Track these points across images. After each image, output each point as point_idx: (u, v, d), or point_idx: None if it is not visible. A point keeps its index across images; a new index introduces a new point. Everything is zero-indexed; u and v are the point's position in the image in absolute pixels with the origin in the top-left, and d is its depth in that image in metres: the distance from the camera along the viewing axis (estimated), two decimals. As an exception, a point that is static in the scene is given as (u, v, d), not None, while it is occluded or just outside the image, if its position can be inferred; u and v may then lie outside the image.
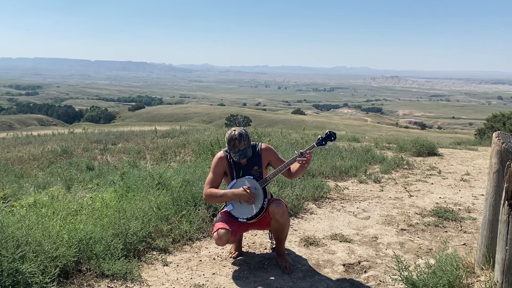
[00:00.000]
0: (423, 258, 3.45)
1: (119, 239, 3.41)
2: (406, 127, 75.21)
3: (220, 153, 3.30)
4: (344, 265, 3.36)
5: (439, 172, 6.93)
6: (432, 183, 6.15)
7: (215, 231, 3.12)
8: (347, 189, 5.74)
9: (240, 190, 3.12)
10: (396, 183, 6.13)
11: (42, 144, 15.05)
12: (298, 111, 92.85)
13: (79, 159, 10.46)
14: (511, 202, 2.49)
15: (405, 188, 5.70)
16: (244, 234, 3.76)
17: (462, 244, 3.81)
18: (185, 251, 3.59)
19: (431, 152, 9.29)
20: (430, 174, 6.80)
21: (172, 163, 8.80)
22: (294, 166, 3.24)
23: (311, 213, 4.59)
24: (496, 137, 2.95)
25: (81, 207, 4.30)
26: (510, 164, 2.57)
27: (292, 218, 4.39)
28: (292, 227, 4.11)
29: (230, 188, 3.20)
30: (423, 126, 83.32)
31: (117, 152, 11.90)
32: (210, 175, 3.29)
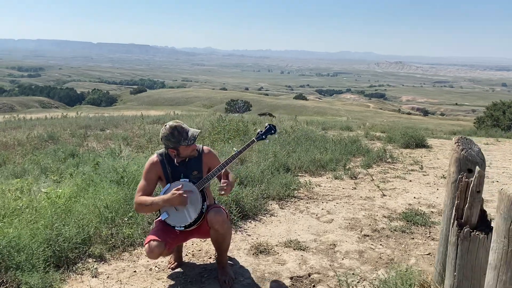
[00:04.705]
0: (380, 270, 3.16)
1: (48, 246, 3.12)
2: (409, 113, 74.59)
3: (153, 157, 2.96)
4: (291, 278, 3.05)
5: (421, 167, 6.59)
6: (410, 180, 5.82)
7: (146, 243, 2.80)
8: (319, 186, 5.42)
9: (169, 194, 2.77)
10: (373, 179, 5.80)
11: (31, 128, 14.76)
12: (300, 96, 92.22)
13: (64, 145, 10.15)
14: (461, 222, 2.18)
15: (379, 186, 5.37)
16: (191, 240, 3.46)
17: (427, 254, 3.50)
18: (123, 259, 3.29)
19: (420, 144, 8.97)
20: (412, 170, 6.46)
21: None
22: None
23: (271, 215, 4.27)
24: (455, 143, 2.61)
25: (27, 205, 4.02)
26: (461, 177, 2.25)
27: (249, 221, 4.08)
28: (246, 232, 3.81)
29: (163, 194, 2.87)
30: (425, 113, 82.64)
31: (104, 138, 11.59)
32: (141, 182, 2.92)
